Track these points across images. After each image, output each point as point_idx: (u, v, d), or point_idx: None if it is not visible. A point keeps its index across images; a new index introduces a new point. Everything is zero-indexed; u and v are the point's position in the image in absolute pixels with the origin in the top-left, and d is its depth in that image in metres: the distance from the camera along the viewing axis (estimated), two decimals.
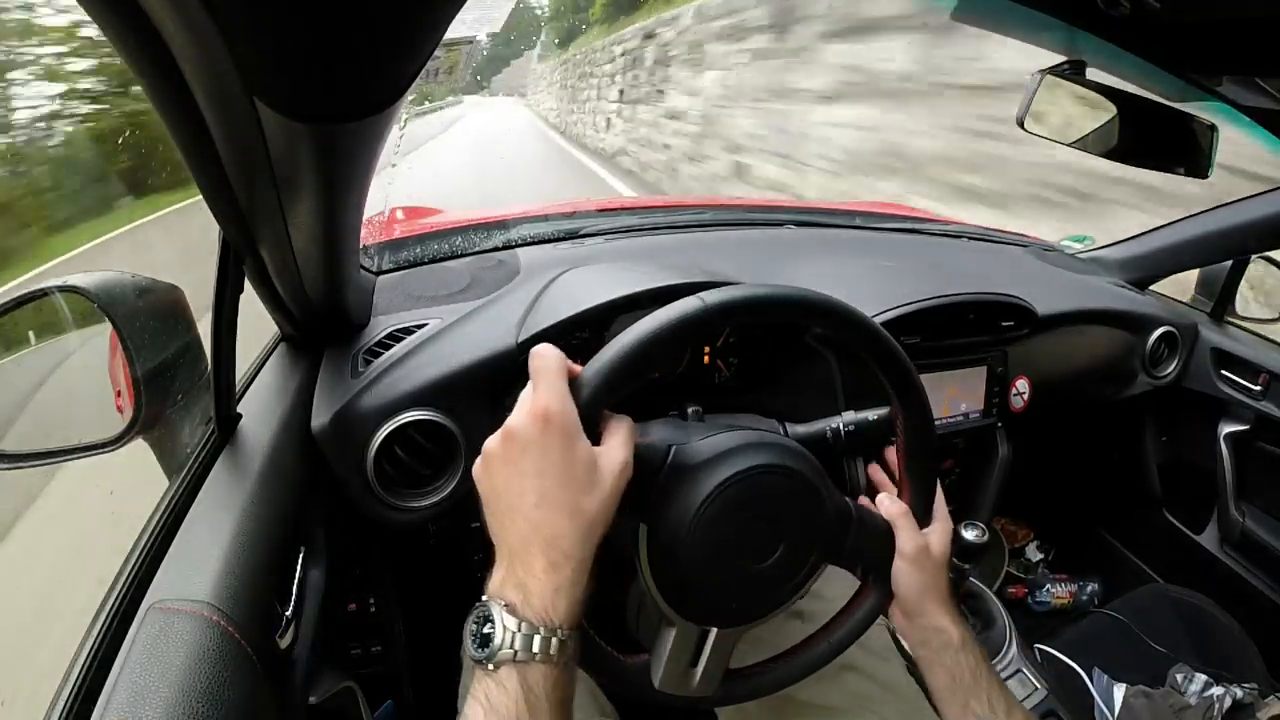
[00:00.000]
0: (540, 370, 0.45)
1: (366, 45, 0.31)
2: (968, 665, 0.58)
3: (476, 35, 0.69)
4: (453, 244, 1.02)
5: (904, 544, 0.59)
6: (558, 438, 0.42)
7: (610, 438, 0.46)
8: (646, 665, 0.56)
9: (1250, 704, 1.06)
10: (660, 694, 0.56)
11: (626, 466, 0.45)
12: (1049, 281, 1.22)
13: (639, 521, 0.51)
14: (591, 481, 0.43)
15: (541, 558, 0.42)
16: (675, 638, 0.54)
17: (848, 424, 0.71)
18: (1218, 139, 0.72)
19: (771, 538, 0.53)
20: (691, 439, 0.53)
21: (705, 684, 0.57)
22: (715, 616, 0.55)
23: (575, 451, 0.43)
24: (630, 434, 0.47)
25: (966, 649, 0.58)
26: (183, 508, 0.57)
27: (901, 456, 0.62)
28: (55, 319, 0.65)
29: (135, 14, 0.30)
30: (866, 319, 0.54)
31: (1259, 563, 1.22)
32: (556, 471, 0.42)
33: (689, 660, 0.56)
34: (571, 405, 0.44)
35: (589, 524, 0.43)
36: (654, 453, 0.51)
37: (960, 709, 0.57)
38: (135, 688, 0.42)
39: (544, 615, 0.41)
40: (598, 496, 0.43)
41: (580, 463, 0.43)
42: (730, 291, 0.49)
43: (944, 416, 1.03)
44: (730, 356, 0.95)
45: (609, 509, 0.44)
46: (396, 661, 0.97)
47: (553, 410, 0.43)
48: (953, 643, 0.58)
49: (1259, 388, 1.19)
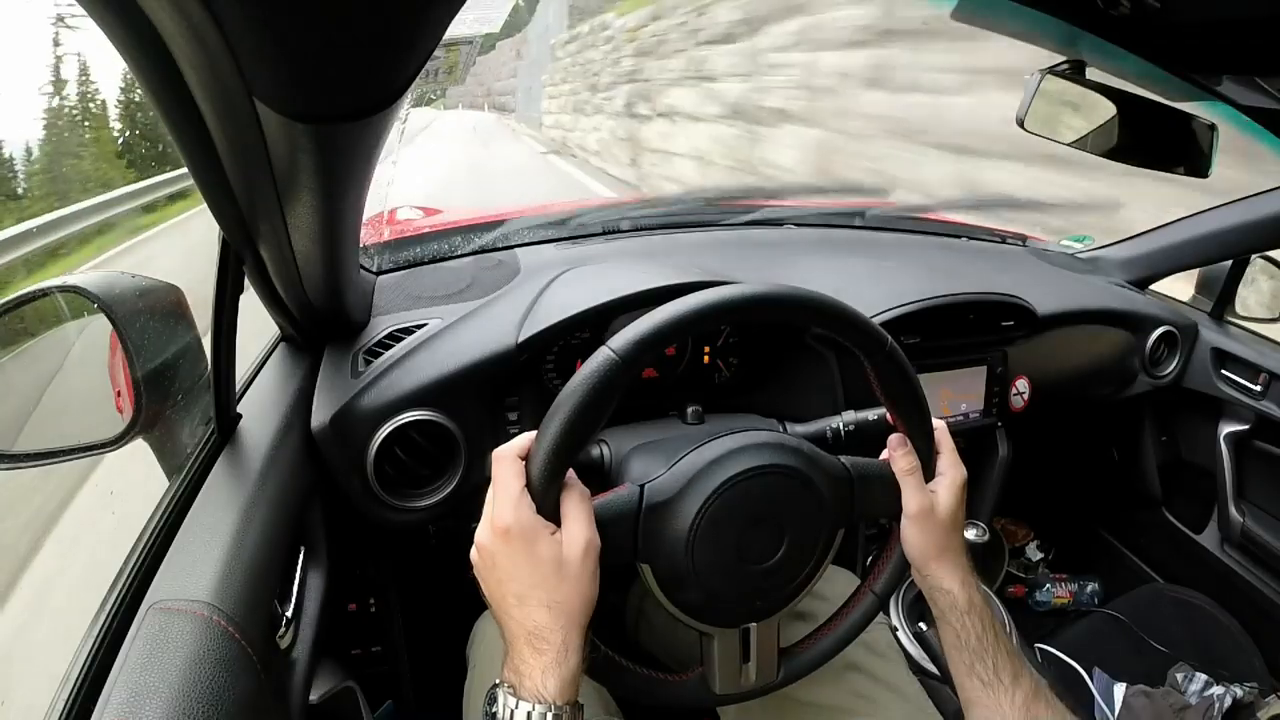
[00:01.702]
0: (496, 481, 0.49)
1: (366, 45, 0.31)
2: (974, 629, 0.57)
3: (476, 35, 0.69)
4: (453, 244, 1.02)
5: (908, 502, 0.58)
6: (519, 546, 0.47)
7: (569, 521, 0.48)
8: (701, 678, 0.57)
9: (1250, 703, 1.06)
10: (723, 699, 0.57)
11: (590, 546, 0.48)
12: (1049, 281, 1.22)
13: (638, 563, 0.52)
14: (560, 576, 0.47)
15: (527, 647, 0.47)
16: (718, 644, 0.56)
17: (848, 424, 0.71)
18: (1218, 139, 0.72)
19: (773, 534, 0.54)
20: (660, 469, 0.53)
21: (764, 673, 0.58)
22: (746, 616, 0.56)
23: (538, 553, 0.47)
24: (586, 510, 0.49)
25: (974, 612, 0.58)
26: (183, 508, 0.57)
27: (891, 411, 0.59)
28: (55, 319, 0.65)
29: (135, 15, 0.30)
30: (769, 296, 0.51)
31: (1259, 563, 1.22)
32: (525, 575, 0.47)
33: (740, 658, 0.57)
34: (527, 512, 0.47)
35: (567, 613, 0.47)
36: (625, 503, 0.52)
37: (965, 670, 0.58)
38: (135, 688, 0.42)
39: (537, 694, 0.46)
40: (568, 587, 0.47)
41: (546, 562, 0.47)
42: (633, 331, 0.48)
43: (943, 416, 1.03)
44: (730, 356, 0.95)
45: (584, 591, 0.48)
46: (396, 661, 0.97)
47: (509, 523, 0.47)
48: (958, 605, 0.58)
49: (1259, 388, 1.19)
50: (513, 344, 0.79)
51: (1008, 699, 0.55)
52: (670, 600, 0.53)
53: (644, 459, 0.58)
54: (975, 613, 0.58)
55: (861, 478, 0.58)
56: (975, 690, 0.57)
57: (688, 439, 0.56)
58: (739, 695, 0.58)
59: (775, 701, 0.64)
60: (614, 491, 0.52)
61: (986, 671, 0.56)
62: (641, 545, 0.52)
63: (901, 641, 0.96)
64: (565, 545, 0.47)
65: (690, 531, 0.51)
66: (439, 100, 6.87)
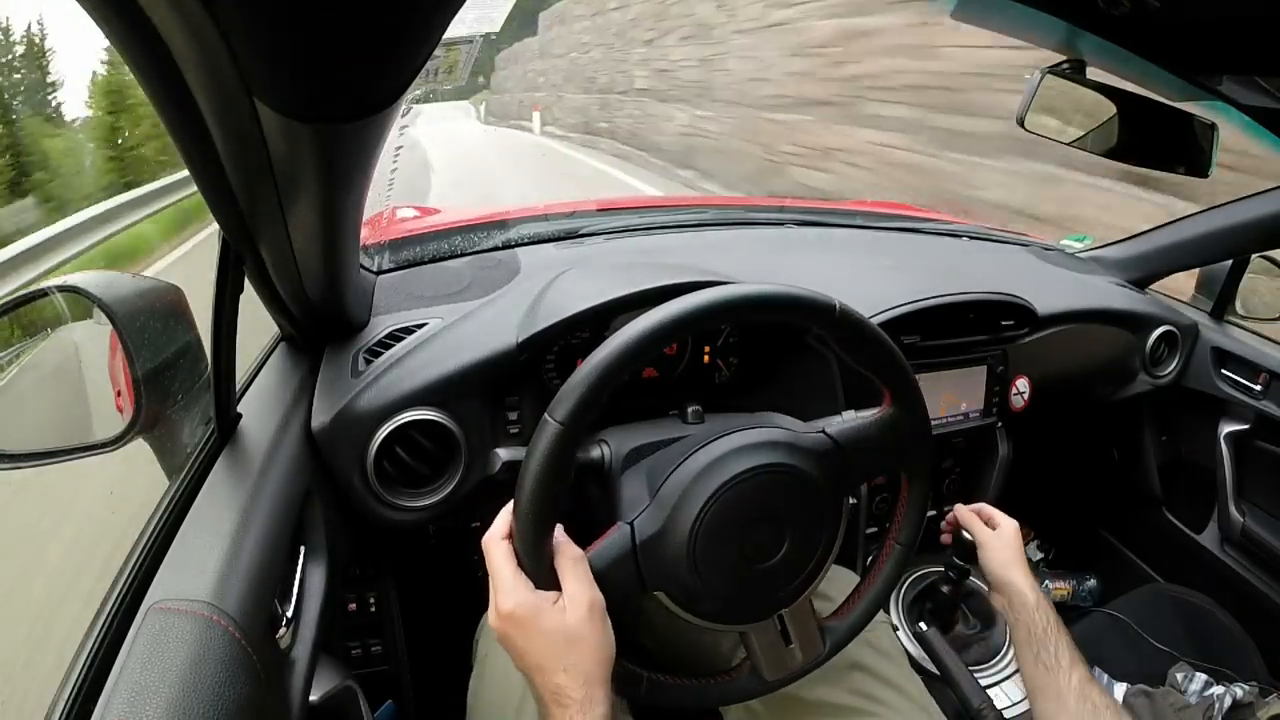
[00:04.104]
0: (490, 569, 0.52)
1: (366, 45, 0.31)
2: (1040, 622, 0.71)
3: (476, 35, 0.69)
4: (453, 244, 1.02)
5: (979, 534, 0.80)
6: (526, 626, 0.50)
7: (568, 584, 0.51)
8: (751, 671, 0.58)
9: (1250, 703, 1.06)
10: (779, 683, 0.59)
11: (594, 605, 0.51)
12: (1049, 281, 1.22)
13: (652, 593, 0.54)
14: (570, 642, 0.50)
15: (552, 704, 0.50)
16: (757, 637, 0.57)
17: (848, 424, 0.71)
18: (1218, 138, 0.72)
19: (771, 530, 0.54)
20: (645, 499, 0.55)
21: (809, 650, 0.59)
22: (774, 606, 0.57)
23: (545, 627, 0.50)
24: (582, 570, 0.51)
25: (1041, 608, 0.72)
26: (183, 508, 0.57)
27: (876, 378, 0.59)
28: (55, 319, 0.65)
29: (135, 14, 0.30)
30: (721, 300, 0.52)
31: (1259, 562, 1.22)
32: (538, 649, 0.50)
33: (783, 642, 0.58)
34: (525, 593, 0.50)
35: (585, 671, 0.50)
36: (620, 549, 0.53)
37: (1033, 658, 0.69)
38: (135, 688, 0.42)
39: None
40: (580, 649, 0.50)
41: (554, 633, 0.50)
42: (569, 392, 0.48)
43: (944, 416, 1.03)
44: (730, 356, 0.95)
45: (599, 647, 0.51)
46: (396, 661, 0.97)
47: (510, 608, 0.50)
48: (1029, 602, 0.72)
49: (1259, 387, 1.19)
50: (513, 343, 0.79)
51: (1065, 681, 0.66)
52: (694, 615, 0.55)
53: (631, 486, 0.58)
54: (1042, 608, 0.72)
55: (851, 441, 0.58)
56: (1040, 675, 0.68)
57: (670, 459, 0.57)
58: (791, 676, 0.59)
59: (779, 700, 0.64)
60: (605, 538, 0.54)
61: (1050, 658, 0.68)
62: (648, 578, 0.53)
63: (902, 641, 0.96)
64: (569, 611, 0.50)
65: (689, 554, 0.52)
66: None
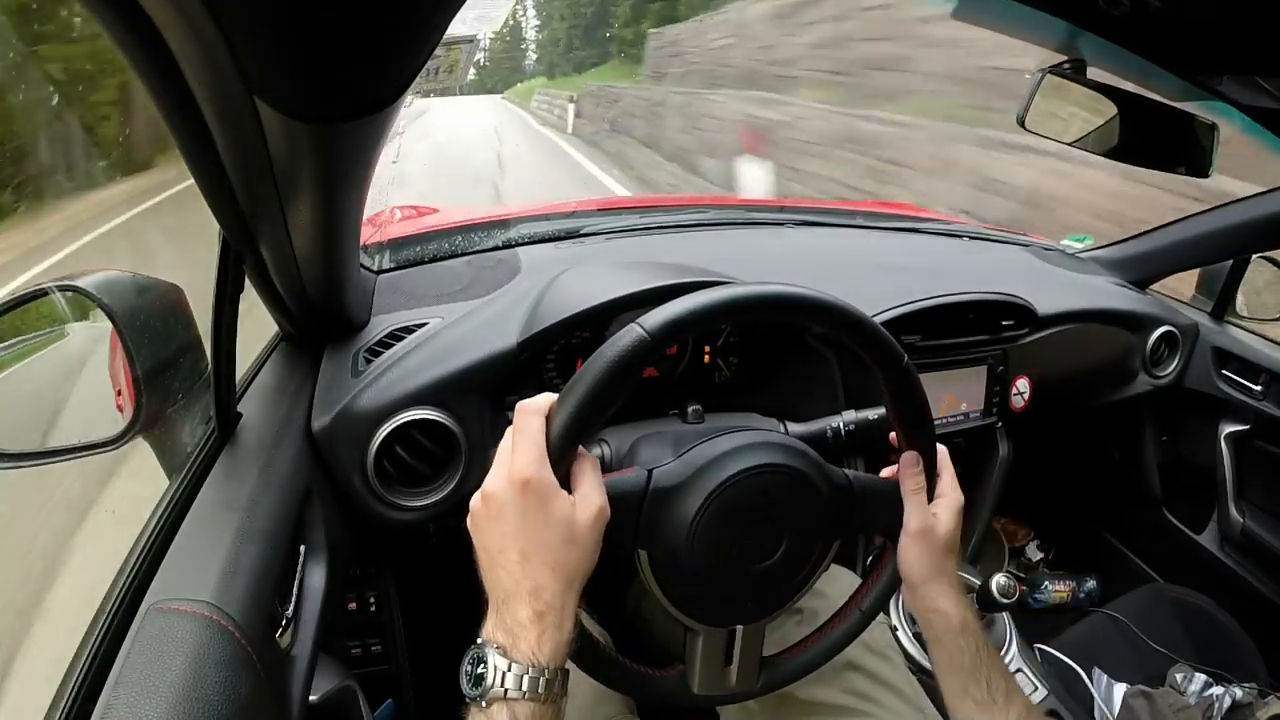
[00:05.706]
0: (520, 431, 0.47)
1: (366, 45, 0.31)
2: (968, 649, 0.57)
3: (476, 35, 0.69)
4: (453, 243, 1.02)
5: (910, 520, 0.58)
6: (535, 501, 0.45)
7: (583, 485, 0.47)
8: (681, 675, 0.56)
9: (1250, 704, 1.06)
10: (703, 699, 0.57)
11: (603, 511, 0.47)
12: (1049, 281, 1.22)
13: (637, 548, 0.52)
14: (570, 537, 0.46)
15: (526, 607, 0.45)
16: (703, 643, 0.55)
17: (848, 423, 0.71)
18: (1218, 138, 0.72)
19: (773, 534, 0.53)
20: (668, 457, 0.53)
21: (744, 678, 0.57)
22: (735, 617, 0.56)
23: (553, 512, 0.45)
24: (599, 478, 0.49)
25: (967, 633, 0.57)
26: (183, 508, 0.57)
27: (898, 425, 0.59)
28: (55, 319, 0.65)
29: (135, 13, 0.30)
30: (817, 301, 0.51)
31: (1259, 563, 1.22)
32: (536, 531, 0.45)
33: (722, 660, 0.56)
34: (548, 470, 0.46)
35: (569, 576, 0.46)
36: (633, 485, 0.51)
37: (959, 692, 0.57)
38: (135, 688, 0.42)
39: (531, 657, 0.44)
40: (576, 550, 0.46)
41: (558, 522, 0.46)
42: (667, 311, 0.47)
43: (944, 416, 1.03)
44: (731, 356, 0.95)
45: (589, 557, 0.47)
46: (396, 661, 0.97)
47: (530, 475, 0.45)
48: (953, 626, 0.57)
49: (1259, 387, 1.19)
50: (513, 343, 0.79)
51: (1003, 717, 0.55)
52: (662, 590, 0.52)
53: (651, 446, 0.57)
54: (969, 633, 0.57)
55: (863, 491, 0.57)
56: (969, 711, 0.56)
57: (694, 433, 0.55)
58: (717, 698, 0.57)
59: (775, 700, 0.64)
60: (621, 473, 0.51)
61: (981, 691, 0.56)
62: (643, 531, 0.51)
63: (901, 641, 0.96)
64: (579, 509, 0.46)
65: (694, 522, 0.50)
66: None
